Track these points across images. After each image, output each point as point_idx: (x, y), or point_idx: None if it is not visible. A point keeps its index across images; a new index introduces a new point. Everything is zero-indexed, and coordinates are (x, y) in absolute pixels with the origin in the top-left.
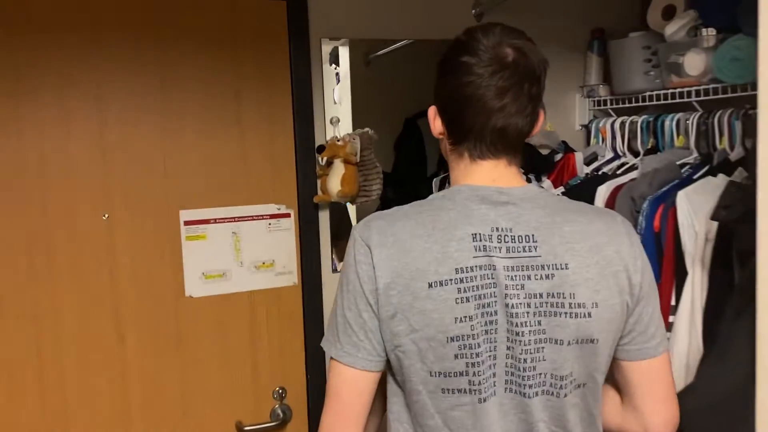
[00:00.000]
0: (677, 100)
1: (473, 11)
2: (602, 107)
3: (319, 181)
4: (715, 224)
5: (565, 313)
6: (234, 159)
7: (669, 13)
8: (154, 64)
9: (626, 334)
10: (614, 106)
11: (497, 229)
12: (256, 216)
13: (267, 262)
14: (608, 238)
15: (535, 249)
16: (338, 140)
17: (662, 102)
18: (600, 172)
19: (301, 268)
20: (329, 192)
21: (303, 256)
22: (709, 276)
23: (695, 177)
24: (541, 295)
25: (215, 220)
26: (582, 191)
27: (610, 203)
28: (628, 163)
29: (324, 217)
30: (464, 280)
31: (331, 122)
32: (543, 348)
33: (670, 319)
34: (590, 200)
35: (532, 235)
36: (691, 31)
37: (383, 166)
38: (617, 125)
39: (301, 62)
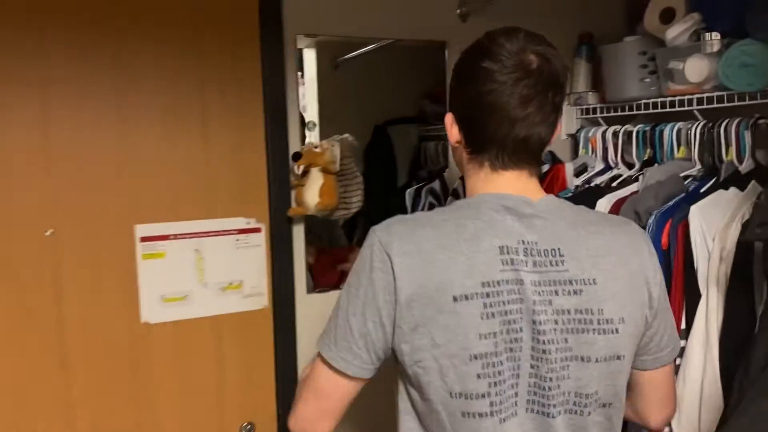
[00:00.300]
0: (676, 109)
1: (458, 11)
2: (591, 116)
3: (294, 193)
4: (731, 241)
5: (594, 329)
6: (198, 167)
7: (668, 17)
8: (109, 58)
9: (643, 346)
10: (605, 114)
11: (523, 242)
12: (222, 231)
13: (234, 282)
14: (632, 250)
15: (562, 263)
16: (316, 147)
17: (658, 110)
18: (592, 184)
19: (272, 290)
20: (306, 204)
21: (275, 275)
22: (725, 298)
23: (702, 191)
24: (568, 312)
25: (176, 236)
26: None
27: None
28: (621, 175)
29: (299, 233)
30: (490, 295)
31: (307, 127)
32: (569, 366)
33: (681, 343)
34: None
35: (558, 249)
36: (692, 35)
37: None
38: (609, 135)
39: (274, 60)
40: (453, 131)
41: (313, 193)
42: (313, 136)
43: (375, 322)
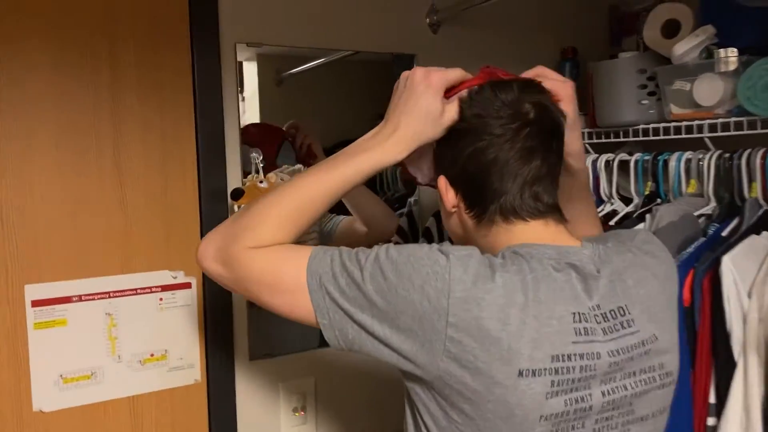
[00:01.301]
0: (681, 136)
1: (428, 20)
2: None
3: None
4: None
5: (657, 386)
6: (109, 208)
7: (671, 30)
8: None
9: None
10: (594, 140)
11: (591, 307)
12: (141, 289)
13: (157, 353)
14: (672, 284)
15: (633, 323)
16: (261, 182)
17: (660, 137)
18: None
19: (206, 360)
20: None
21: (209, 342)
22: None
23: (725, 234)
24: (635, 373)
25: (80, 297)
26: None
27: None
28: (617, 211)
29: None
30: (560, 371)
31: (251, 158)
32: (629, 429)
33: (710, 421)
34: None
35: (625, 307)
36: (703, 51)
37: None
38: (601, 164)
39: (208, 74)
40: (449, 196)
41: None
42: (259, 168)
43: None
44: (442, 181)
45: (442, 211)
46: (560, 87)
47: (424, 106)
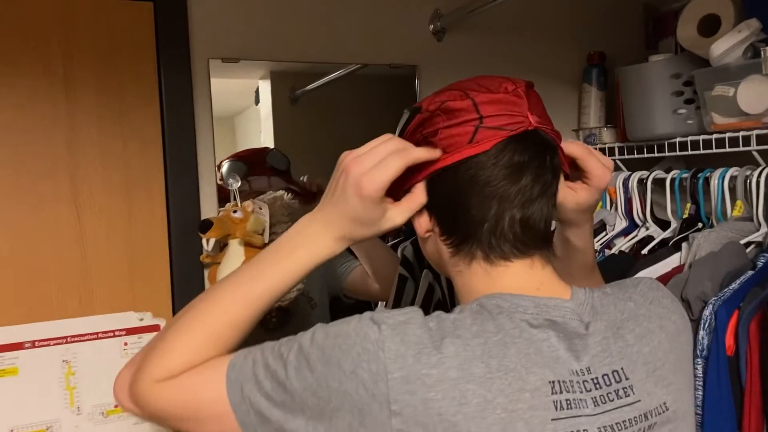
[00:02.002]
0: (725, 150)
1: (431, 27)
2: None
3: (206, 273)
4: None
5: None
6: (65, 243)
7: (710, 27)
8: None
9: None
10: (625, 156)
11: (575, 371)
12: (102, 333)
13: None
14: (685, 336)
15: (632, 391)
16: (235, 211)
17: (699, 151)
18: (614, 250)
19: None
20: None
21: None
22: None
23: None
24: None
25: (33, 342)
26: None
27: None
28: (653, 237)
29: None
30: None
31: (226, 184)
32: None
33: None
34: None
35: (621, 370)
36: (748, 50)
37: None
38: (633, 183)
39: (177, 93)
40: (421, 220)
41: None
42: (235, 196)
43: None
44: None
45: (417, 235)
46: (600, 171)
47: (356, 214)
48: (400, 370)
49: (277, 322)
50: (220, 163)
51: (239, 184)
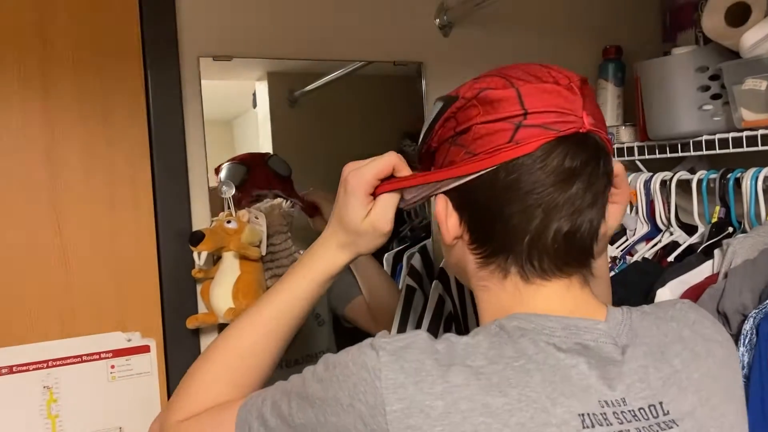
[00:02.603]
0: (758, 148)
1: (437, 21)
2: (626, 158)
3: (199, 289)
4: None
5: None
6: (45, 258)
7: (739, 16)
8: None
9: None
10: (646, 156)
11: (608, 403)
12: (87, 355)
13: (108, 429)
14: (734, 361)
15: (674, 426)
16: (229, 221)
17: (728, 150)
18: (636, 257)
19: None
20: (214, 308)
21: None
22: None
23: None
24: None
25: (11, 368)
26: (626, 297)
27: None
28: (678, 243)
29: None
30: None
31: (219, 192)
32: None
33: None
34: None
35: (660, 405)
36: None
37: None
38: (656, 185)
39: (166, 94)
40: (450, 223)
41: (223, 291)
42: (229, 204)
43: None
44: (442, 203)
45: (442, 241)
46: (627, 188)
47: (347, 217)
48: (400, 401)
49: None
50: (219, 166)
51: (233, 191)
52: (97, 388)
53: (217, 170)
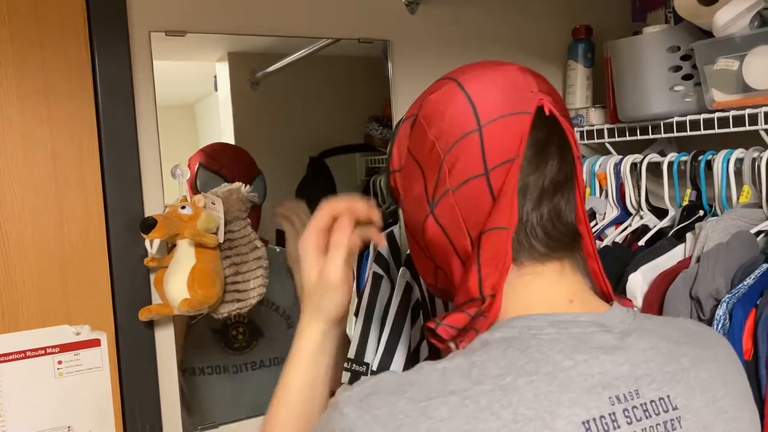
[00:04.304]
0: (729, 129)
1: (404, 0)
2: (595, 140)
3: (152, 279)
4: None
5: None
6: None
7: None
8: None
9: None
10: (616, 138)
11: (618, 398)
12: (31, 350)
13: (56, 428)
14: (741, 370)
15: (681, 423)
16: (183, 207)
17: (699, 132)
18: (606, 241)
19: None
20: (168, 299)
21: (128, 414)
22: None
23: None
24: None
25: None
26: None
27: (656, 303)
28: (649, 227)
29: (165, 340)
30: None
31: (172, 175)
32: None
33: None
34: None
35: (668, 398)
36: (755, 19)
37: None
38: (626, 167)
39: (113, 72)
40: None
41: (178, 281)
42: (182, 189)
43: None
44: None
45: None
46: None
47: (304, 282)
48: None
49: (246, 341)
50: (192, 161)
51: (188, 176)
52: (43, 385)
53: (190, 163)
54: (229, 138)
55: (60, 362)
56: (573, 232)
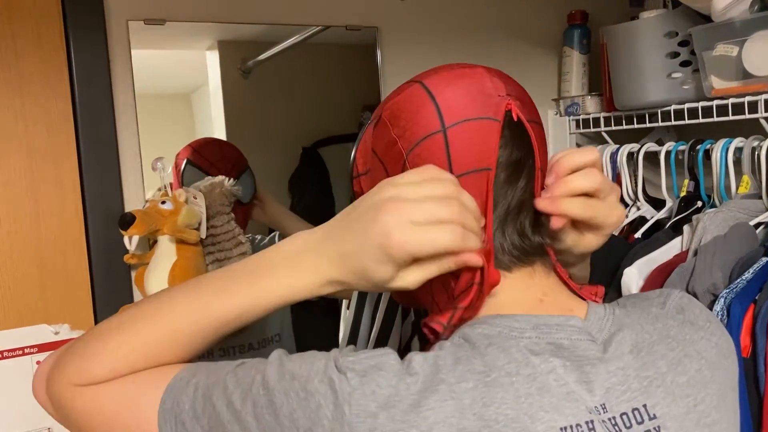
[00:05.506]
0: (728, 117)
1: None
2: (591, 129)
3: (133, 276)
4: None
5: None
6: None
7: None
8: None
9: None
10: (612, 128)
11: (590, 409)
12: (8, 351)
13: (35, 430)
14: (730, 363)
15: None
16: (164, 202)
17: (698, 120)
18: None
19: None
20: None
21: None
22: None
23: None
24: None
25: None
26: (591, 275)
27: None
28: (646, 219)
29: None
30: None
31: (153, 168)
32: None
33: None
34: (612, 293)
35: (644, 408)
36: (755, 3)
37: None
38: (622, 158)
39: (90, 62)
40: None
41: (159, 278)
42: (163, 181)
43: None
44: None
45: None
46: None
47: (364, 265)
48: (370, 431)
49: None
50: (179, 157)
51: (170, 169)
52: (21, 386)
53: (177, 158)
54: (220, 128)
55: (39, 362)
56: (539, 247)
